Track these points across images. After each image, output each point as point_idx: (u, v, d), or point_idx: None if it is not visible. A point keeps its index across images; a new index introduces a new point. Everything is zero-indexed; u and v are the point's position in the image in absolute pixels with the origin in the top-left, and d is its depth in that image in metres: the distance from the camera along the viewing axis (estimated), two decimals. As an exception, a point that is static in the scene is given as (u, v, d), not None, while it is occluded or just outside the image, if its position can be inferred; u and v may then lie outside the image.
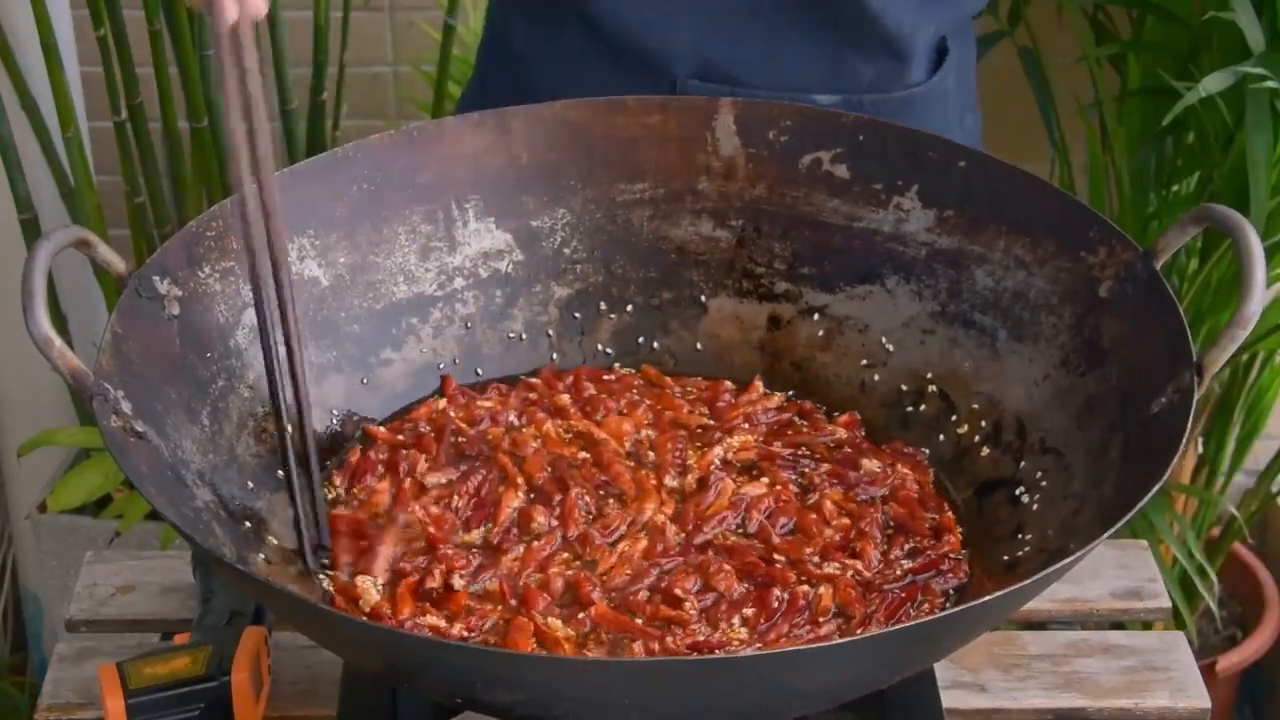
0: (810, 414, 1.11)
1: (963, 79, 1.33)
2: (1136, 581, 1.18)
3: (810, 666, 0.82)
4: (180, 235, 1.02)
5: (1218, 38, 1.70)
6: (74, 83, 2.06)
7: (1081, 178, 1.95)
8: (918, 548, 1.00)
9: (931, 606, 0.97)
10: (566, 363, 1.15)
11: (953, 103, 1.30)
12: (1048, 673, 1.10)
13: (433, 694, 0.96)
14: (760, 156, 1.14)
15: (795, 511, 1.01)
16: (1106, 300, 1.03)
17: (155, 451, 0.92)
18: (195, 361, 1.00)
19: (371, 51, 2.23)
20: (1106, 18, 1.92)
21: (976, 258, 1.10)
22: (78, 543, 2.00)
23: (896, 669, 0.90)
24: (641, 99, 1.15)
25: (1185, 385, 0.93)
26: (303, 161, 1.10)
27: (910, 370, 1.11)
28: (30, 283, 0.90)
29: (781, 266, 1.15)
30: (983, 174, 1.10)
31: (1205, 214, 0.98)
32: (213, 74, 1.93)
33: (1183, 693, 1.09)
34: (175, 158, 2.01)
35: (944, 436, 1.08)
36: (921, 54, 1.26)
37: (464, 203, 1.13)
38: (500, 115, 1.13)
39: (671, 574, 0.97)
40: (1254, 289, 0.93)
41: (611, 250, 1.16)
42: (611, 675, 0.83)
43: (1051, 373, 1.05)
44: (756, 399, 1.11)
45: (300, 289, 1.07)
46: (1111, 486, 0.96)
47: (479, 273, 1.14)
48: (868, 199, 1.13)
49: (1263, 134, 1.60)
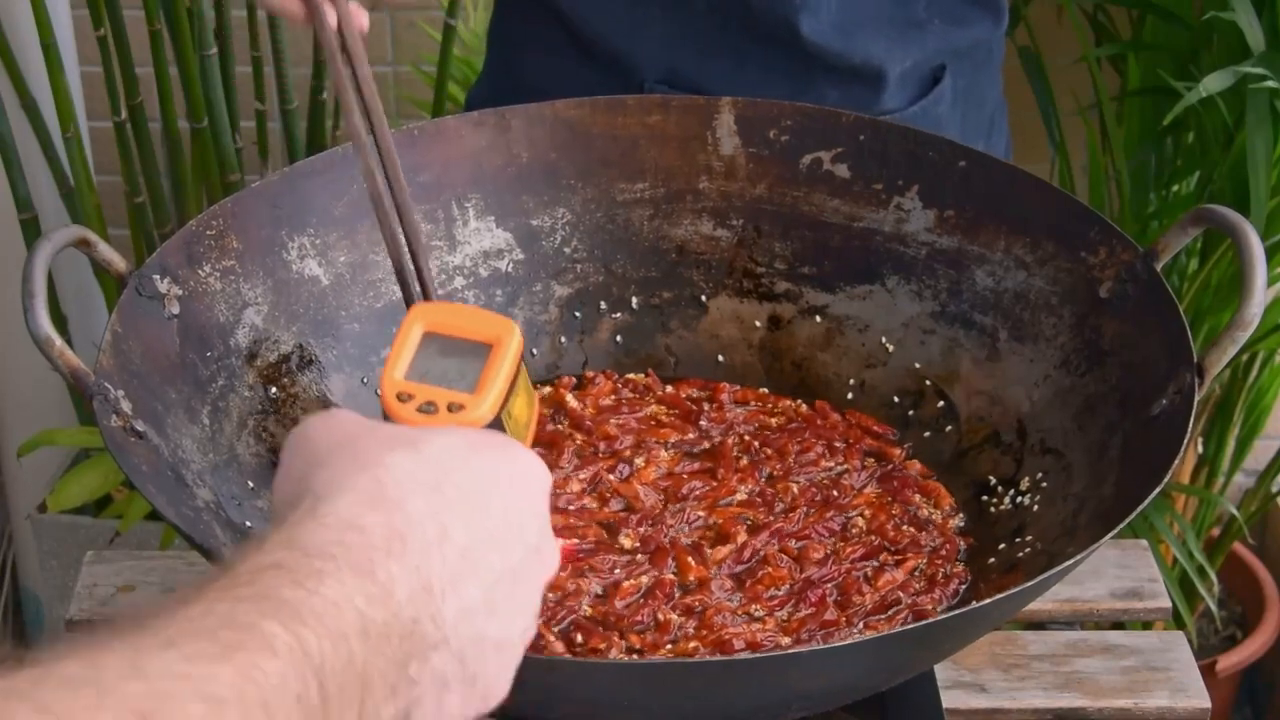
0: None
1: (970, 111, 1.30)
2: (1136, 581, 1.18)
3: (810, 668, 0.82)
4: (180, 234, 1.02)
5: (1218, 38, 1.70)
6: (74, 83, 2.06)
7: (1081, 178, 1.95)
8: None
9: (932, 605, 0.97)
10: (567, 362, 1.15)
11: (949, 133, 1.27)
12: (1048, 673, 1.10)
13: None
14: (761, 156, 1.14)
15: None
16: (1107, 301, 1.03)
17: (155, 451, 0.92)
18: (195, 361, 1.00)
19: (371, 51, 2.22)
20: (1106, 18, 1.92)
21: (977, 258, 1.10)
22: (78, 543, 2.00)
23: (897, 671, 0.90)
24: (641, 98, 1.16)
25: (1186, 386, 0.93)
26: (303, 160, 1.10)
27: (910, 370, 1.11)
28: (31, 282, 0.90)
29: (782, 266, 1.15)
30: (983, 174, 1.10)
31: (1205, 215, 0.98)
32: (211, 74, 1.93)
33: (1183, 693, 1.09)
34: (175, 158, 2.01)
35: (944, 437, 1.08)
36: (897, 82, 1.24)
37: (464, 202, 1.13)
38: (500, 114, 1.13)
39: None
40: (1254, 290, 0.93)
41: (612, 249, 1.16)
42: (611, 676, 0.83)
43: (1052, 373, 1.05)
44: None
45: (300, 287, 1.07)
46: (1112, 487, 0.96)
47: (479, 272, 1.14)
48: (868, 199, 1.13)
49: (1263, 134, 1.60)
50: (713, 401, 1.12)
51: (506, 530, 0.65)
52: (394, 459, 0.63)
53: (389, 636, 0.57)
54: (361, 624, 0.56)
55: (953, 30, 1.26)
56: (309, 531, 0.59)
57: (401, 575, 0.59)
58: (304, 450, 0.66)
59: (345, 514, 0.60)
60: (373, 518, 0.60)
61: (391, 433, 0.66)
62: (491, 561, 0.63)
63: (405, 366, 0.77)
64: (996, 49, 1.32)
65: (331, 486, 0.61)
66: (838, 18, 1.21)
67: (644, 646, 0.93)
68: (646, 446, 1.07)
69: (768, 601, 0.96)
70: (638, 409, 1.11)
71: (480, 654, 0.62)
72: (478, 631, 0.62)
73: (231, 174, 1.98)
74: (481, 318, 0.79)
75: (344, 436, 0.65)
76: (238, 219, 1.05)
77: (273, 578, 0.56)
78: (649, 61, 1.24)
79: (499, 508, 0.65)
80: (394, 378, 0.76)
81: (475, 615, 0.62)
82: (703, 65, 1.23)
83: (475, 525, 0.63)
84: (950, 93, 1.27)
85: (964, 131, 1.29)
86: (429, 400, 0.75)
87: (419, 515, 0.61)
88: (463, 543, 0.62)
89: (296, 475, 0.65)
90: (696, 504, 1.03)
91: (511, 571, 0.65)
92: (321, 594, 0.55)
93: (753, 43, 1.22)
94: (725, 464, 1.06)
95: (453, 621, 0.61)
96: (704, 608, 0.95)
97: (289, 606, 0.54)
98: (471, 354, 0.77)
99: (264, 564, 0.56)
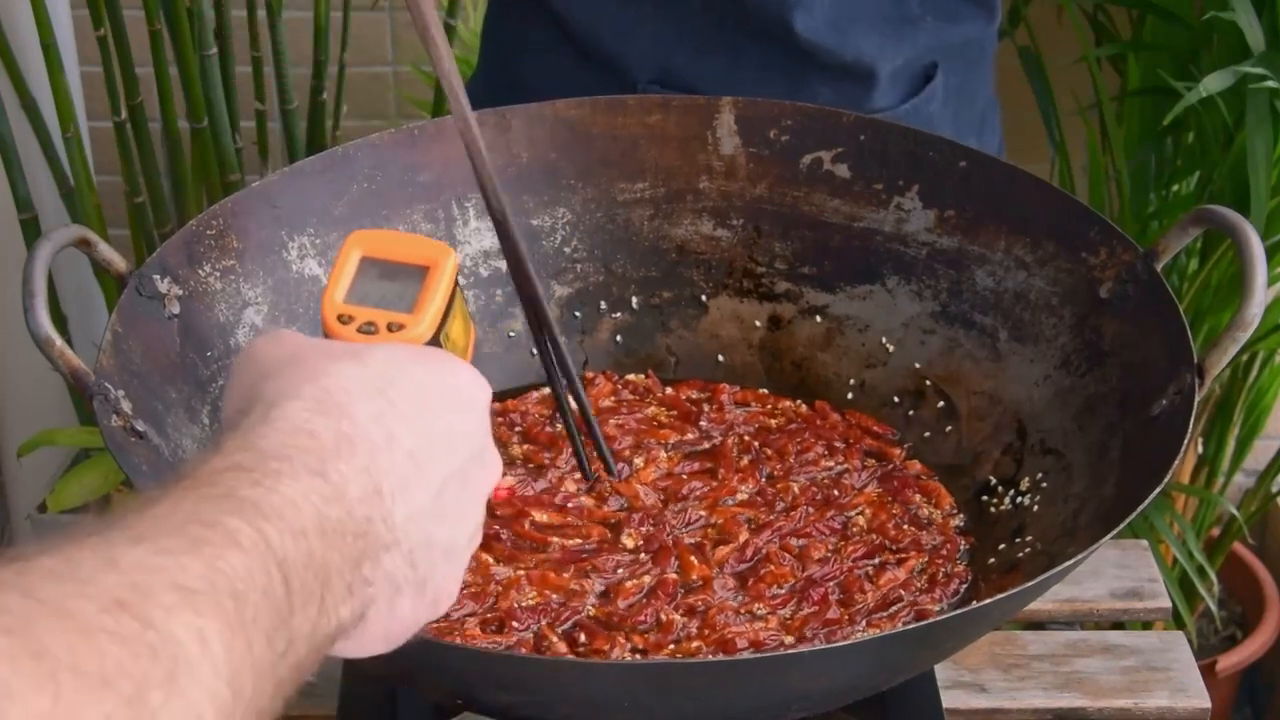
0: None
1: (961, 108, 1.30)
2: (1136, 581, 1.18)
3: (810, 669, 0.82)
4: (180, 234, 1.02)
5: (1218, 38, 1.70)
6: (74, 83, 2.06)
7: (1081, 178, 1.95)
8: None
9: (933, 605, 0.97)
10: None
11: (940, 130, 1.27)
12: (1048, 673, 1.10)
13: (433, 694, 0.96)
14: (761, 156, 1.14)
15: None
16: (1107, 301, 1.03)
17: (155, 451, 0.92)
18: (196, 360, 1.00)
19: (371, 51, 2.23)
20: (1106, 18, 1.92)
21: (977, 258, 1.10)
22: (78, 542, 1.99)
23: (897, 670, 0.90)
24: (642, 98, 1.16)
25: (1186, 387, 0.93)
26: (303, 160, 1.10)
27: (910, 370, 1.11)
28: (31, 283, 0.90)
29: (782, 266, 1.15)
30: (983, 174, 1.10)
31: (1205, 215, 0.98)
32: (211, 74, 1.93)
33: (1183, 693, 1.09)
34: (175, 158, 2.01)
35: (944, 437, 1.08)
36: (889, 80, 1.24)
37: (464, 202, 1.13)
38: (500, 114, 1.13)
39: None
40: (1255, 291, 0.93)
41: (612, 249, 1.16)
42: (611, 676, 0.83)
43: (1052, 373, 1.05)
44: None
45: (300, 287, 1.07)
46: (1112, 488, 0.96)
47: (479, 271, 1.14)
48: (868, 199, 1.13)
49: (1263, 134, 1.60)
50: (713, 402, 1.12)
51: (450, 436, 0.67)
52: (340, 369, 0.65)
53: (344, 534, 0.59)
54: (319, 521, 0.58)
55: (946, 27, 1.26)
56: (262, 436, 0.61)
57: (353, 476, 0.61)
58: (252, 365, 0.67)
59: (295, 419, 0.62)
60: (322, 422, 0.62)
61: (336, 347, 0.68)
62: (438, 466, 0.65)
63: (345, 290, 0.79)
64: (988, 46, 1.32)
65: (281, 395, 0.63)
66: (831, 14, 1.21)
67: (647, 647, 0.93)
68: (646, 447, 1.07)
69: (770, 600, 0.96)
70: (637, 410, 1.11)
71: (430, 558, 0.64)
72: (427, 535, 0.64)
73: (231, 174, 1.98)
74: (417, 243, 0.81)
75: (291, 351, 0.67)
76: (238, 219, 1.05)
77: (233, 478, 0.57)
78: (642, 61, 1.24)
79: (442, 415, 0.67)
80: (334, 300, 0.79)
81: (424, 519, 0.64)
82: (696, 64, 1.23)
83: (420, 431, 0.65)
84: (942, 91, 1.27)
85: (956, 130, 1.29)
86: (369, 321, 0.78)
87: (366, 420, 0.63)
88: (409, 446, 0.64)
89: (246, 387, 0.66)
90: (698, 504, 1.03)
91: (456, 476, 0.67)
92: (280, 492, 0.57)
93: (746, 40, 1.22)
94: (726, 464, 1.06)
95: (403, 524, 0.63)
96: (706, 607, 0.95)
97: (250, 503, 0.56)
98: (409, 277, 0.79)
99: (223, 465, 0.58)
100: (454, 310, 0.80)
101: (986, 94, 1.35)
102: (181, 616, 0.51)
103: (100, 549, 0.52)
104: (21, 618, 0.47)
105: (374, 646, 0.64)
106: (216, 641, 0.51)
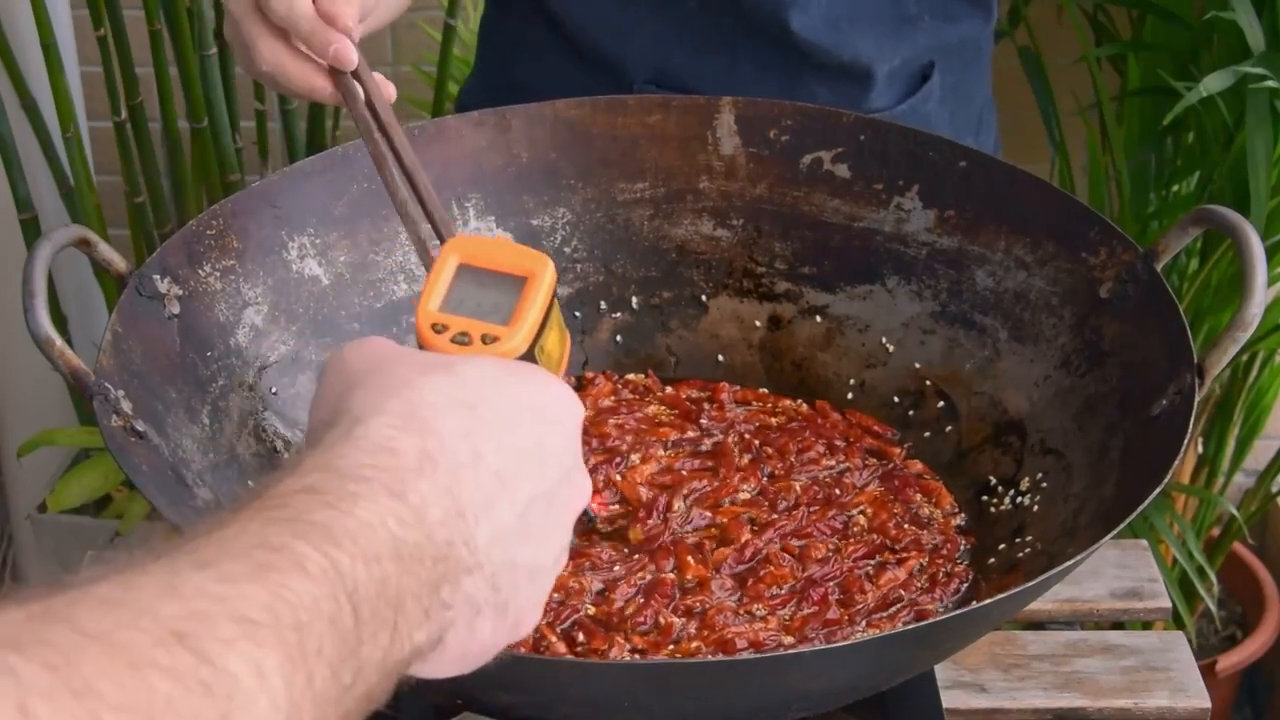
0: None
1: (958, 108, 1.30)
2: (1136, 581, 1.18)
3: (810, 669, 0.82)
4: (180, 234, 1.02)
5: (1218, 38, 1.70)
6: (74, 83, 2.06)
7: (1081, 178, 1.95)
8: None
9: (933, 605, 0.97)
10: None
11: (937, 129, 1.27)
12: (1047, 673, 1.10)
13: (433, 694, 0.96)
14: (761, 156, 1.14)
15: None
16: (1107, 301, 1.03)
17: (155, 451, 0.92)
18: (195, 360, 1.00)
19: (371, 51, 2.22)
20: (1106, 18, 1.92)
21: (977, 258, 1.10)
22: (78, 543, 2.00)
23: (898, 671, 0.90)
24: (642, 98, 1.16)
25: (1186, 386, 0.93)
26: (303, 160, 1.10)
27: (910, 370, 1.11)
28: (31, 283, 0.90)
29: (782, 266, 1.15)
30: (983, 174, 1.10)
31: (1205, 215, 0.98)
32: (211, 74, 1.93)
33: (1183, 693, 1.09)
34: (175, 158, 2.01)
35: (944, 437, 1.08)
36: (886, 80, 1.24)
37: (464, 201, 1.13)
38: (500, 114, 1.13)
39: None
40: (1255, 291, 0.93)
41: (612, 249, 1.16)
42: (611, 676, 0.83)
43: (1052, 373, 1.05)
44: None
45: (300, 287, 1.07)
46: (1112, 488, 0.96)
47: (479, 272, 1.14)
48: (868, 199, 1.13)
49: (1263, 134, 1.60)
50: (713, 401, 1.12)
51: (539, 455, 0.65)
52: (428, 382, 0.63)
53: (422, 559, 0.57)
54: (395, 546, 0.56)
55: (943, 27, 1.26)
56: (342, 454, 0.59)
57: (434, 497, 0.59)
58: (340, 374, 0.66)
59: (378, 436, 0.60)
60: (406, 439, 0.60)
61: (427, 359, 0.66)
62: (524, 486, 0.63)
63: (440, 298, 0.77)
64: (985, 46, 1.32)
65: (366, 408, 0.61)
66: (828, 13, 1.21)
67: (646, 647, 0.93)
68: (645, 445, 1.07)
69: (769, 600, 0.96)
70: (637, 409, 1.11)
71: (513, 580, 0.62)
72: (510, 557, 0.62)
73: (231, 174, 1.99)
74: (516, 251, 0.79)
75: (379, 360, 0.65)
76: (238, 219, 1.05)
77: (305, 500, 0.56)
78: (639, 61, 1.24)
79: (532, 433, 0.65)
80: (429, 309, 0.77)
81: (508, 540, 0.62)
82: (693, 64, 1.23)
83: (508, 449, 0.63)
84: (939, 90, 1.27)
85: (953, 129, 1.29)
86: (463, 331, 0.76)
87: (451, 437, 0.61)
88: (495, 465, 0.62)
89: (333, 397, 0.65)
90: (699, 503, 1.03)
91: (544, 497, 0.64)
92: (355, 515, 0.55)
93: (743, 40, 1.22)
94: (726, 463, 1.06)
95: (485, 546, 0.60)
96: (705, 608, 0.95)
97: (321, 528, 0.54)
98: (506, 287, 0.78)
99: (297, 487, 0.56)
100: (550, 322, 0.78)
101: (983, 94, 1.35)
102: (240, 649, 0.49)
103: (161, 575, 0.50)
104: (66, 652, 0.46)
105: (450, 668, 0.62)
106: (276, 675, 0.50)
